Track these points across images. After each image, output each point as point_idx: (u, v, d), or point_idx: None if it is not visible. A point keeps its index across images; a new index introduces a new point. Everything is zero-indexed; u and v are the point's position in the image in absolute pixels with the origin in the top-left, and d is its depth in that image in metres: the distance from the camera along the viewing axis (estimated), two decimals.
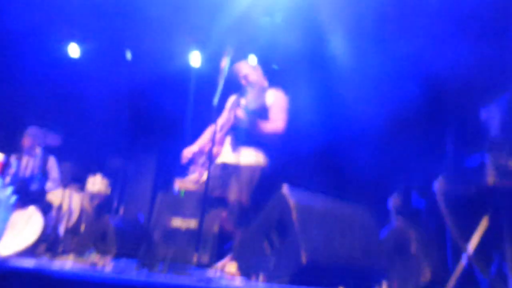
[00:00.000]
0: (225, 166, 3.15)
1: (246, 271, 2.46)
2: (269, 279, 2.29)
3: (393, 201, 3.60)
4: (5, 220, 3.22)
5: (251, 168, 3.12)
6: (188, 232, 3.80)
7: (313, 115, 5.54)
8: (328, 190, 2.95)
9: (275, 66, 6.10)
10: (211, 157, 2.96)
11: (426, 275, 2.80)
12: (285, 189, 2.40)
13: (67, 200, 4.99)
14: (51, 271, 1.69)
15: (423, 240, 3.07)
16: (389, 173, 4.54)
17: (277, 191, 2.45)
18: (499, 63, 3.90)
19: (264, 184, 3.11)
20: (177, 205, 4.86)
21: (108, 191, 5.77)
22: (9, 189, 4.17)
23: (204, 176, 3.03)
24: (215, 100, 2.85)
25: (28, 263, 2.50)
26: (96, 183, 5.69)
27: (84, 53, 6.82)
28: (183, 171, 5.45)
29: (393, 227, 3.09)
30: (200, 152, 3.29)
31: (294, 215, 2.27)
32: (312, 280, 2.27)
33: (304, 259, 2.15)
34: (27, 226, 3.72)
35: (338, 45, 5.58)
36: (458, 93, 4.56)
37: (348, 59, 5.57)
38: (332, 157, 5.48)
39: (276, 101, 3.20)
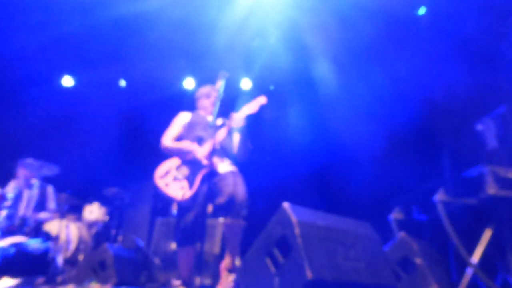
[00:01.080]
0: (218, 175, 3.20)
1: None
2: None
3: (395, 216, 3.59)
4: None
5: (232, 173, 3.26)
6: None
7: (309, 136, 5.59)
8: (327, 209, 2.93)
9: (271, 87, 6.17)
10: (211, 169, 3.00)
11: (432, 287, 2.76)
12: (287, 206, 2.39)
13: (65, 230, 4.93)
14: None
15: (427, 253, 3.05)
16: (388, 191, 4.55)
17: (278, 208, 2.44)
18: (492, 85, 3.99)
19: (264, 202, 3.14)
20: None
21: (106, 219, 5.72)
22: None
23: (188, 189, 3.02)
24: (212, 120, 2.89)
25: None
26: (94, 212, 5.64)
27: (78, 83, 6.89)
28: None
29: (396, 241, 3.07)
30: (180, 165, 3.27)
31: (297, 231, 2.25)
32: None
33: (309, 275, 2.12)
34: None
35: (333, 67, 5.68)
36: (453, 111, 4.64)
37: (344, 81, 5.66)
38: (329, 177, 5.49)
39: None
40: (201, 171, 3.10)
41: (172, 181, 3.16)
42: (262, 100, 3.30)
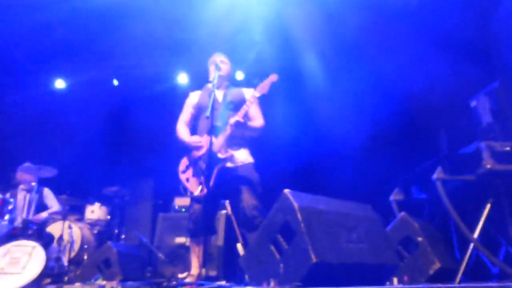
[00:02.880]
0: (225, 169, 3.16)
1: (256, 279, 2.44)
2: (281, 283, 2.27)
3: (395, 197, 3.62)
4: None
5: (249, 166, 3.25)
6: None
7: (295, 131, 5.62)
8: (327, 195, 2.94)
9: (255, 81, 6.16)
10: (211, 163, 2.98)
11: (435, 266, 2.80)
12: (288, 192, 2.41)
13: (68, 230, 4.95)
14: None
15: (428, 232, 3.08)
16: (386, 173, 4.59)
17: (279, 196, 2.45)
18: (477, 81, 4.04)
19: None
20: (179, 223, 4.85)
21: (108, 217, 5.73)
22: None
23: (205, 184, 3.01)
24: (208, 113, 2.88)
25: None
26: (95, 211, 5.66)
27: (70, 84, 6.85)
28: (180, 189, 5.45)
29: (397, 221, 3.10)
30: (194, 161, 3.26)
31: (300, 217, 2.27)
32: (323, 280, 2.26)
33: (314, 258, 2.14)
34: (30, 260, 3.67)
35: (318, 62, 5.67)
36: (447, 90, 4.68)
37: (329, 75, 5.66)
38: (327, 163, 5.52)
39: (251, 99, 3.27)
40: (217, 165, 3.07)
41: (192, 177, 3.18)
42: (273, 78, 3.20)
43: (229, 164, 3.18)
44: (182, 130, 3.38)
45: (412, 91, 5.05)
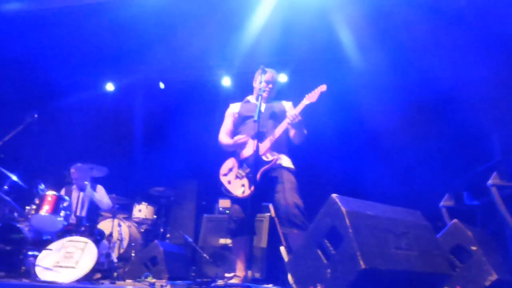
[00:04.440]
0: (269, 172, 3.21)
1: (302, 282, 2.43)
2: None
3: (445, 203, 3.49)
4: None
5: (292, 171, 3.31)
6: None
7: (340, 136, 5.54)
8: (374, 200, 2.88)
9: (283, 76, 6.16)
10: (256, 166, 3.03)
11: (492, 277, 2.66)
12: (335, 197, 2.39)
13: (117, 228, 5.14)
14: None
15: (482, 240, 2.94)
16: (436, 178, 4.44)
17: (327, 199, 2.43)
18: None
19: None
20: (223, 225, 4.92)
21: (154, 217, 5.90)
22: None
23: (248, 187, 3.06)
24: (256, 116, 2.91)
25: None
26: (142, 211, 5.84)
27: (119, 87, 7.13)
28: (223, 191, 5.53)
29: (449, 229, 2.98)
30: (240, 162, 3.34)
31: (347, 221, 2.24)
32: (372, 287, 2.22)
33: (362, 264, 2.11)
34: (83, 255, 3.84)
35: (365, 63, 5.56)
36: (499, 94, 4.49)
37: (375, 77, 5.54)
38: (373, 165, 5.40)
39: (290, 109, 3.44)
40: (261, 169, 3.14)
41: (234, 179, 3.27)
42: (322, 88, 3.28)
43: (273, 168, 3.24)
44: (225, 139, 3.51)
45: (463, 92, 4.85)
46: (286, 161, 3.36)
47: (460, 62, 4.89)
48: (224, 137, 3.53)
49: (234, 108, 3.63)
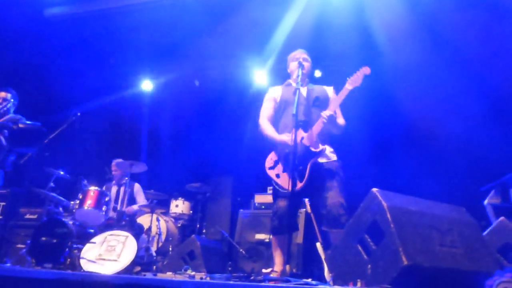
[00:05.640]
0: (318, 164, 3.14)
1: (342, 278, 2.40)
2: (368, 285, 2.22)
3: (490, 200, 3.35)
4: None
5: (339, 163, 3.20)
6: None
7: (382, 130, 5.41)
8: (416, 194, 2.79)
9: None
10: (304, 158, 2.96)
11: None
12: (376, 191, 2.34)
13: (155, 223, 5.26)
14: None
15: None
16: (482, 174, 4.27)
17: (368, 194, 2.39)
18: None
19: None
20: (259, 220, 4.94)
21: (190, 212, 6.00)
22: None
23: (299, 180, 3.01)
24: (294, 110, 2.88)
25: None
26: (179, 206, 5.95)
27: (156, 86, 7.28)
28: (258, 187, 5.56)
29: (495, 227, 2.87)
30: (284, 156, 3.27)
31: (389, 217, 2.19)
32: (414, 284, 2.17)
33: (404, 260, 2.06)
34: (124, 248, 3.96)
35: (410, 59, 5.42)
36: None
37: (421, 74, 5.39)
38: (418, 157, 5.26)
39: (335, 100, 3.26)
40: (310, 160, 3.05)
41: (282, 172, 3.16)
42: (366, 71, 3.10)
43: (321, 159, 3.15)
44: (267, 126, 3.34)
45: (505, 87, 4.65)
46: (331, 152, 3.24)
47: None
48: (266, 125, 3.35)
49: (274, 93, 3.46)
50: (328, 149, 3.23)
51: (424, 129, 5.21)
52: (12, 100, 4.25)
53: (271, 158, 3.26)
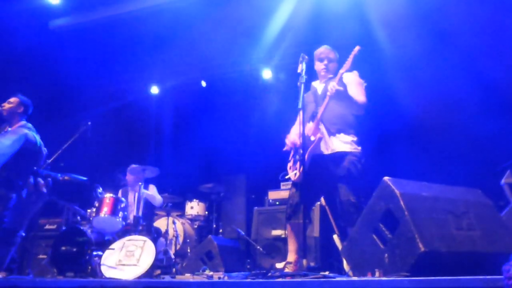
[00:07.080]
0: (318, 156, 3.14)
1: (359, 269, 2.39)
2: (386, 274, 2.21)
3: (507, 180, 3.30)
4: None
5: (346, 155, 3.13)
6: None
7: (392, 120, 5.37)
8: (430, 179, 2.76)
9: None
10: (304, 147, 2.94)
11: None
12: (388, 179, 2.32)
13: (172, 226, 5.31)
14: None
15: None
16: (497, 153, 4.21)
17: (380, 183, 2.37)
18: None
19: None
20: (274, 216, 4.95)
21: (206, 213, 6.04)
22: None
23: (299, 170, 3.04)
24: (300, 103, 2.88)
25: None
26: (194, 207, 5.99)
27: (163, 90, 7.32)
28: (271, 184, 5.56)
29: None
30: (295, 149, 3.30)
31: (402, 204, 2.18)
32: (432, 270, 2.15)
33: (421, 247, 2.04)
34: (143, 252, 4.00)
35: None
36: None
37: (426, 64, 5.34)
38: (430, 141, 5.21)
39: (350, 79, 3.25)
40: (307, 151, 3.05)
41: (292, 164, 3.28)
42: (354, 51, 3.07)
43: (325, 151, 3.13)
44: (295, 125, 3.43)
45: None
46: (339, 142, 3.13)
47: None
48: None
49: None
50: (342, 138, 3.15)
51: (436, 118, 5.16)
52: (22, 107, 4.26)
53: (291, 154, 3.37)
